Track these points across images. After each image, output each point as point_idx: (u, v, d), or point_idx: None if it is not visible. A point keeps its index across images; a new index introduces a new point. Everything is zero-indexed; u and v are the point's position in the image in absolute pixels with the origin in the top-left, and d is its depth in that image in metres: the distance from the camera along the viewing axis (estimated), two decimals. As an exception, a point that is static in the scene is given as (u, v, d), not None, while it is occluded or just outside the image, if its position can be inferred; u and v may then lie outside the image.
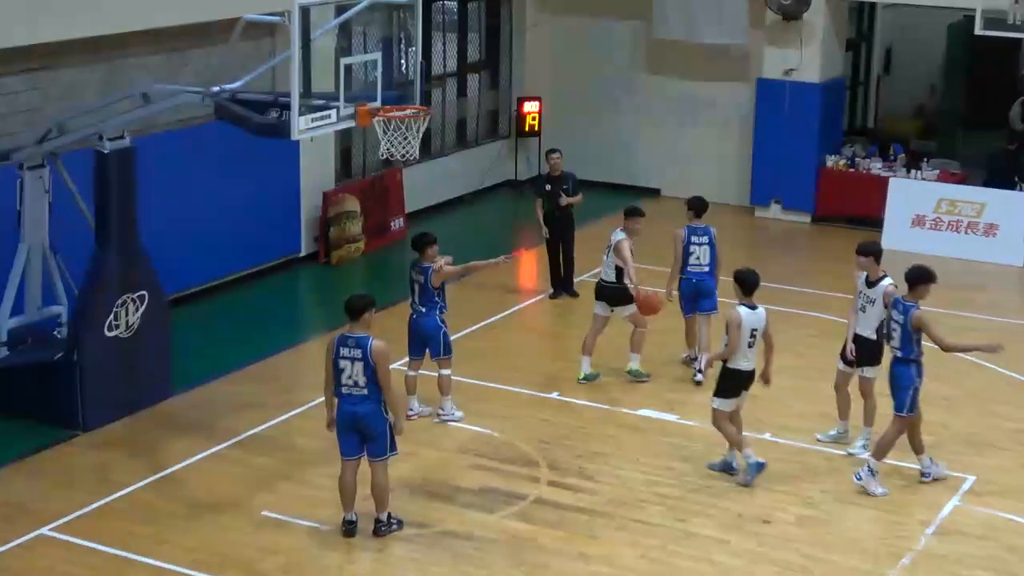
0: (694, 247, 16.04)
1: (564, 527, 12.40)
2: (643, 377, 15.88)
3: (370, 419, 11.75)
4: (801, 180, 23.09)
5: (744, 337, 13.03)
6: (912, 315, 12.99)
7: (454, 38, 24.34)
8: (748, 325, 13.05)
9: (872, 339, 13.70)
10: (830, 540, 12.25)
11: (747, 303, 13.19)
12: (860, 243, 14.14)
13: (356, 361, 11.66)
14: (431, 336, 14.55)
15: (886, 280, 13.70)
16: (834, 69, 23.57)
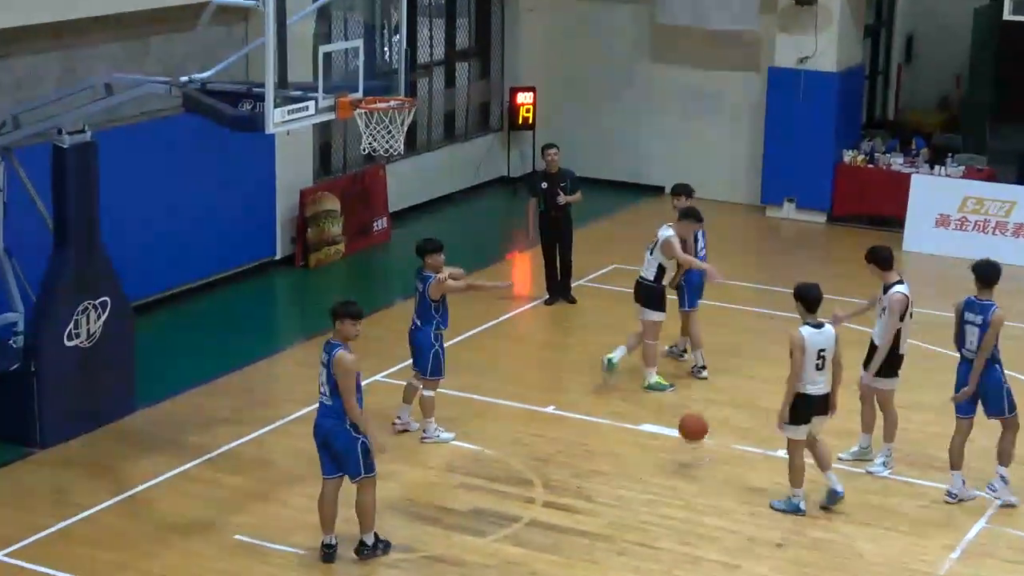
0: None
1: (561, 551, 12.42)
2: (666, 387, 16.04)
3: (332, 434, 11.84)
4: (816, 177, 23.14)
5: (810, 359, 12.87)
6: (994, 314, 13.23)
7: (442, 24, 24.37)
8: (814, 346, 12.89)
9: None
10: (847, 565, 12.28)
11: (811, 321, 13.01)
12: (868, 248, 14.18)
13: (324, 368, 11.83)
14: (421, 352, 14.58)
15: (896, 287, 13.72)
16: (852, 57, 23.63)
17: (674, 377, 16.33)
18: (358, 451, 11.79)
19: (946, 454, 13.75)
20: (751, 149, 23.87)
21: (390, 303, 19.29)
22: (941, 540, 12.72)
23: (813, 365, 12.88)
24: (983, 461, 13.92)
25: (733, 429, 14.97)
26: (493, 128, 25.44)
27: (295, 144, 19.75)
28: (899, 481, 13.85)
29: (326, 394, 11.82)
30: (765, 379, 16.42)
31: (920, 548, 12.59)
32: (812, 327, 12.97)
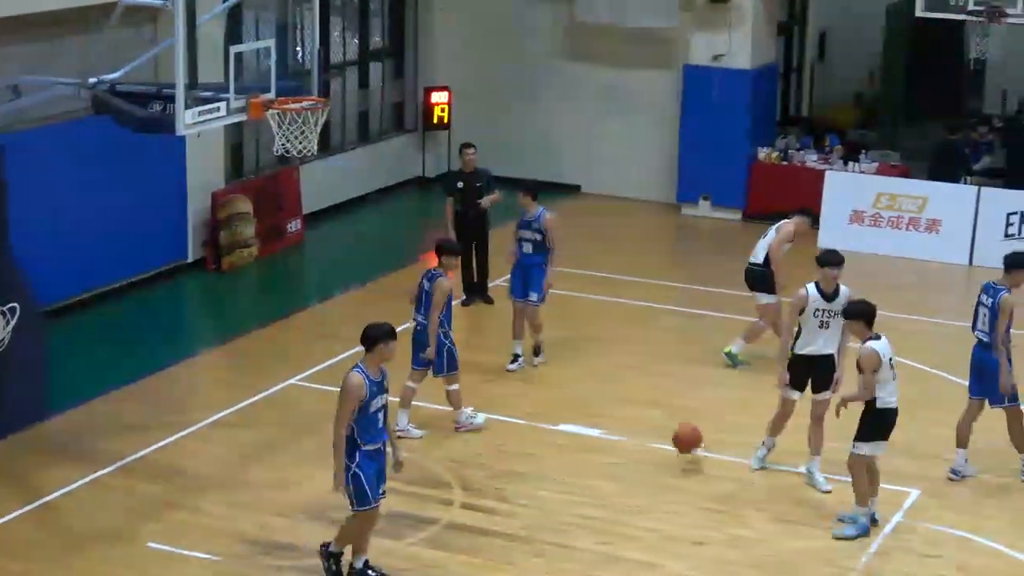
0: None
1: (479, 553, 12.42)
2: (739, 363, 16.57)
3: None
4: (731, 174, 23.31)
5: (886, 370, 12.56)
6: (1002, 298, 13.57)
7: (355, 23, 24.32)
8: (886, 357, 12.58)
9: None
10: (766, 562, 12.37)
11: (872, 335, 12.61)
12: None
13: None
14: (435, 354, 14.62)
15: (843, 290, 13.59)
16: (765, 55, 23.82)
17: (603, 393, 16.27)
18: (349, 480, 11.40)
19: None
20: (666, 147, 23.98)
21: (304, 306, 19.23)
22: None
23: (890, 376, 12.61)
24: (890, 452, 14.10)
25: (650, 428, 15.03)
26: (408, 128, 25.41)
27: (206, 146, 19.60)
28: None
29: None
30: (681, 378, 16.55)
31: (838, 543, 12.69)
32: (875, 340, 12.59)
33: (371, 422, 11.34)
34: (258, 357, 17.14)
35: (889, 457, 14.28)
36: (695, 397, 15.97)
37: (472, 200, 18.51)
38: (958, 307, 19.19)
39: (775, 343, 17.48)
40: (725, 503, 13.40)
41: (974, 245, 21.45)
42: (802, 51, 28.03)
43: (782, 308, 15.83)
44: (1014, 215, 21.30)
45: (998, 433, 14.31)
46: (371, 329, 11.45)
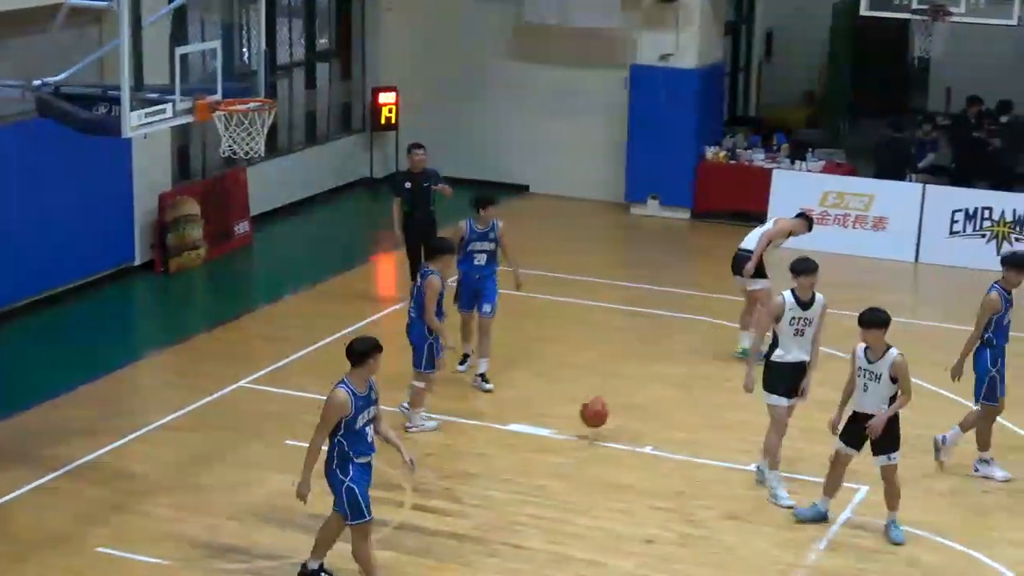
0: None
1: (431, 554, 12.42)
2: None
3: (326, 474, 11.34)
4: (679, 174, 23.39)
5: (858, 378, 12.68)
6: (986, 295, 13.82)
7: (301, 24, 24.26)
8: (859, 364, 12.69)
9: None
10: (715, 559, 12.43)
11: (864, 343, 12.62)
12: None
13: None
14: (415, 346, 14.77)
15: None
16: (713, 54, 23.92)
17: (552, 392, 16.26)
18: (342, 493, 11.25)
19: (813, 447, 14.04)
20: (614, 147, 24.03)
21: (253, 307, 19.17)
22: (808, 532, 12.91)
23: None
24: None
25: (601, 427, 15.07)
26: (355, 129, 25.37)
27: (153, 148, 19.51)
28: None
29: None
30: (631, 377, 16.60)
31: (788, 540, 12.77)
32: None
33: (360, 436, 11.21)
34: (207, 360, 17.07)
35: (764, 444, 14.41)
36: (644, 396, 16.02)
37: (420, 201, 18.47)
38: (905, 304, 19.37)
39: (718, 341, 17.64)
40: (674, 501, 13.45)
41: (920, 242, 21.62)
42: (749, 50, 28.18)
43: (759, 315, 15.85)
44: (959, 212, 21.48)
45: (944, 431, 14.44)
46: (359, 344, 11.26)
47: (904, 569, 12.29)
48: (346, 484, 11.17)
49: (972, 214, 21.44)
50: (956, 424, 14.31)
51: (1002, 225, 21.28)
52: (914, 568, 12.31)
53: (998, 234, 21.29)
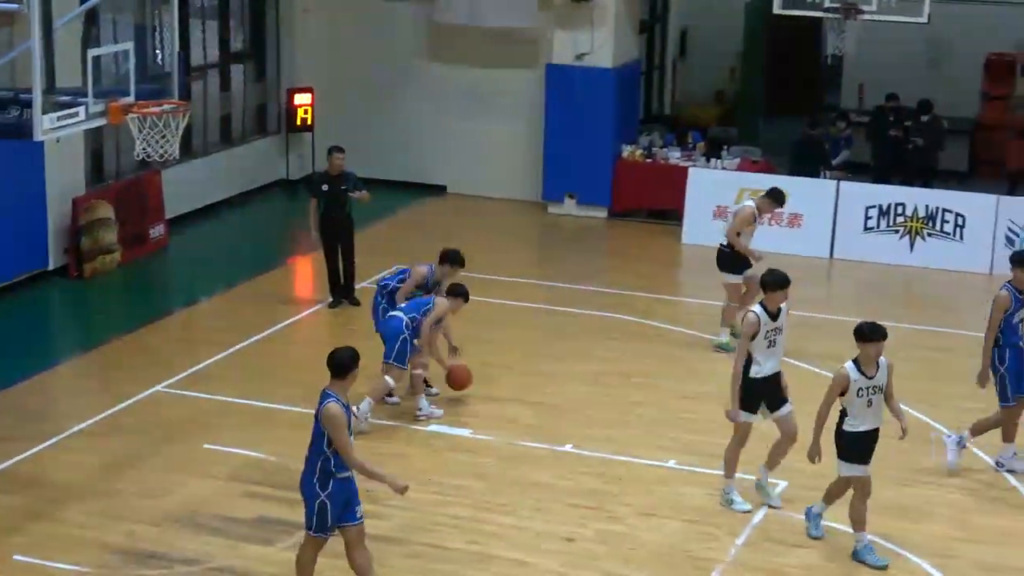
0: None
1: (351, 556, 12.41)
2: (730, 350, 16.83)
3: (302, 486, 11.02)
4: (596, 172, 23.50)
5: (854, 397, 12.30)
6: (996, 294, 13.93)
7: (215, 25, 24.14)
8: (856, 384, 12.27)
9: None
10: (636, 556, 12.51)
11: (857, 360, 12.28)
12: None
13: (314, 418, 10.95)
14: (389, 338, 14.90)
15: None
16: (628, 53, 24.05)
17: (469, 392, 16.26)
18: (314, 505, 10.93)
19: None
20: (531, 146, 24.11)
21: (170, 311, 19.06)
22: (727, 527, 13.03)
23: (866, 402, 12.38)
24: (760, 442, 14.31)
25: (519, 426, 15.14)
26: (271, 131, 25.28)
27: (66, 151, 19.36)
28: (686, 471, 14.15)
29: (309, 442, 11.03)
30: (550, 376, 16.66)
31: (707, 535, 12.88)
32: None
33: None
34: (123, 364, 16.95)
35: (756, 448, 14.55)
36: (562, 395, 16.09)
37: (337, 204, 18.45)
38: (820, 299, 19.57)
39: (636, 339, 17.76)
40: (593, 498, 13.52)
41: (834, 239, 21.87)
42: (664, 49, 28.35)
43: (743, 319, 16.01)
44: (873, 208, 21.75)
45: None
46: (343, 354, 10.98)
47: (823, 563, 12.43)
48: (321, 499, 10.92)
49: (886, 210, 21.70)
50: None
51: (915, 221, 21.56)
52: (833, 562, 12.45)
53: (911, 229, 21.57)
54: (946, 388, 16.39)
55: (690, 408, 15.66)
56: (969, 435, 14.32)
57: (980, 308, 19.79)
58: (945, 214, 21.47)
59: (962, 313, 19.76)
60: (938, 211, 21.50)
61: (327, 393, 10.84)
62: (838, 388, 12.30)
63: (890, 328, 13.13)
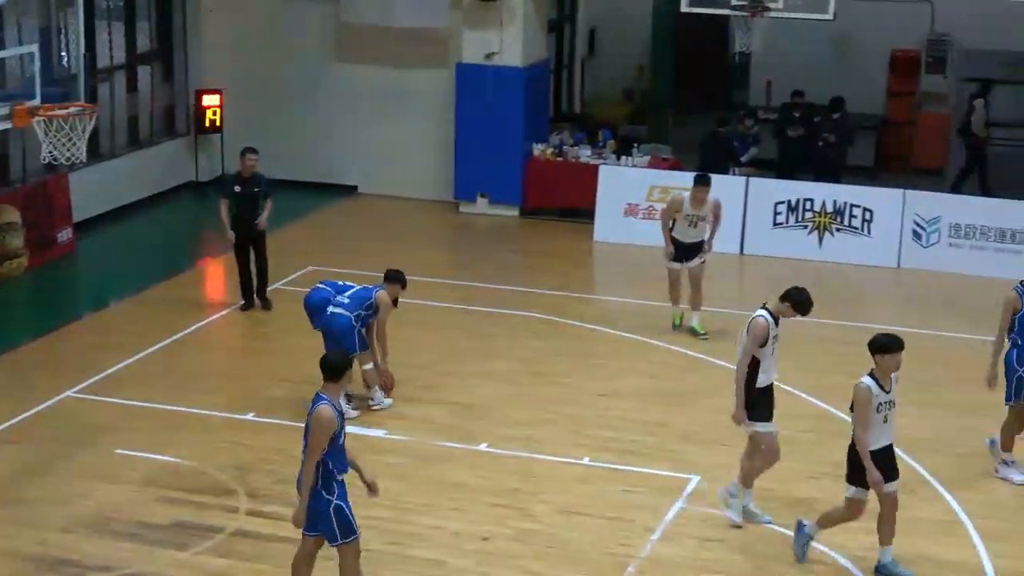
0: None
1: (267, 560, 12.34)
2: (702, 336, 17.59)
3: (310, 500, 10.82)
4: (507, 171, 23.53)
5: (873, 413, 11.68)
6: (1007, 295, 13.98)
7: (121, 27, 23.92)
8: (877, 399, 11.69)
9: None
10: (552, 553, 12.55)
11: (875, 374, 11.71)
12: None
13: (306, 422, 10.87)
14: (345, 335, 14.95)
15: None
16: (537, 52, 24.10)
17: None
18: (331, 513, 10.77)
19: (646, 439, 14.28)
20: (443, 146, 24.10)
21: (79, 316, 18.86)
22: (642, 523, 13.10)
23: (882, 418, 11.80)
24: (671, 439, 14.41)
25: (435, 426, 15.14)
26: (179, 132, 25.10)
27: (-30, 155, 19.12)
28: (601, 467, 14.22)
29: (303, 447, 10.88)
30: (464, 375, 16.67)
31: (622, 532, 12.94)
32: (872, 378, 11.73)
33: (341, 452, 10.88)
34: (32, 370, 16.75)
35: (670, 444, 14.69)
36: (478, 394, 16.11)
37: (249, 205, 18.36)
38: (729, 296, 19.72)
39: (550, 337, 17.82)
40: (509, 497, 13.54)
41: (744, 235, 22.04)
42: (573, 48, 28.44)
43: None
44: (781, 204, 21.95)
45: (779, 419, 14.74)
46: (336, 357, 10.97)
47: (735, 556, 12.53)
48: (333, 503, 10.78)
49: (794, 206, 21.91)
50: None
51: (823, 216, 21.78)
52: (745, 555, 12.55)
53: (819, 225, 21.78)
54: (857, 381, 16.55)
55: (605, 405, 15.74)
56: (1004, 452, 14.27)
57: (888, 302, 20.23)
58: (853, 209, 21.70)
59: (870, 307, 20.00)
60: (846, 206, 21.73)
61: (320, 396, 10.76)
62: (867, 405, 11.58)
63: (800, 323, 13.28)
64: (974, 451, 14.69)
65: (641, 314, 18.87)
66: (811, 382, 16.46)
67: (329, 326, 15.18)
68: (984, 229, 21.12)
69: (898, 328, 18.18)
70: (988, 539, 12.86)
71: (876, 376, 11.66)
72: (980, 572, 12.32)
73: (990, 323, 18.60)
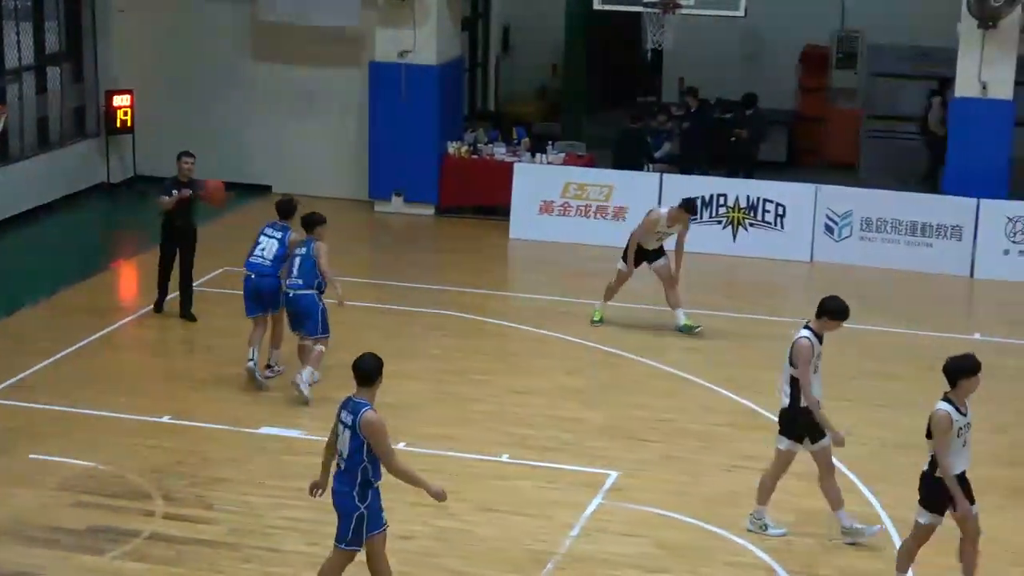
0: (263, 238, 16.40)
1: (184, 563, 12.27)
2: (695, 329, 17.50)
3: (338, 500, 10.84)
4: (422, 170, 23.50)
5: (954, 438, 11.09)
6: None
7: (29, 27, 23.65)
8: (957, 424, 11.10)
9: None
10: (473, 551, 12.56)
11: (951, 398, 11.12)
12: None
13: (347, 429, 10.71)
14: (310, 315, 15.46)
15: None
16: (451, 50, 24.09)
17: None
18: (352, 519, 10.78)
19: (564, 435, 14.34)
20: (357, 145, 24.04)
21: (-7, 320, 18.67)
22: (561, 519, 13.14)
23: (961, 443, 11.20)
24: (589, 436, 14.45)
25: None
26: (90, 133, 24.85)
27: None
28: (520, 465, 14.24)
29: (343, 455, 10.75)
30: (384, 373, 16.57)
31: (542, 528, 12.97)
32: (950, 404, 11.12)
33: (378, 460, 10.82)
34: (-58, 376, 16.55)
35: (588, 440, 14.74)
36: (396, 393, 16.02)
37: (183, 210, 18.08)
38: (646, 292, 19.79)
39: (466, 335, 17.83)
40: (429, 496, 13.50)
41: (659, 231, 22.12)
42: (486, 45, 28.46)
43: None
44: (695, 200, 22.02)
45: (691, 414, 14.86)
46: (370, 362, 10.84)
47: (654, 551, 12.60)
48: (360, 511, 10.76)
49: (708, 201, 22.04)
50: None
51: (736, 211, 21.94)
52: (663, 549, 12.62)
53: (733, 219, 21.94)
54: (771, 374, 16.66)
55: (523, 403, 15.76)
56: None
57: (801, 295, 20.40)
58: (766, 204, 21.87)
59: (784, 300, 20.19)
60: (759, 201, 21.90)
61: (360, 402, 10.67)
62: (948, 432, 11.05)
63: (712, 317, 13.40)
64: (887, 443, 14.87)
65: (558, 311, 18.92)
66: (724, 375, 16.58)
67: (295, 309, 15.60)
68: (895, 223, 21.36)
69: (812, 321, 18.41)
70: (903, 529, 13.00)
71: (952, 399, 11.10)
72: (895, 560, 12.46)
73: (901, 316, 18.93)
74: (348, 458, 10.71)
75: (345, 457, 10.74)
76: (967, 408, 11.15)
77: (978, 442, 11.72)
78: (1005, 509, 13.36)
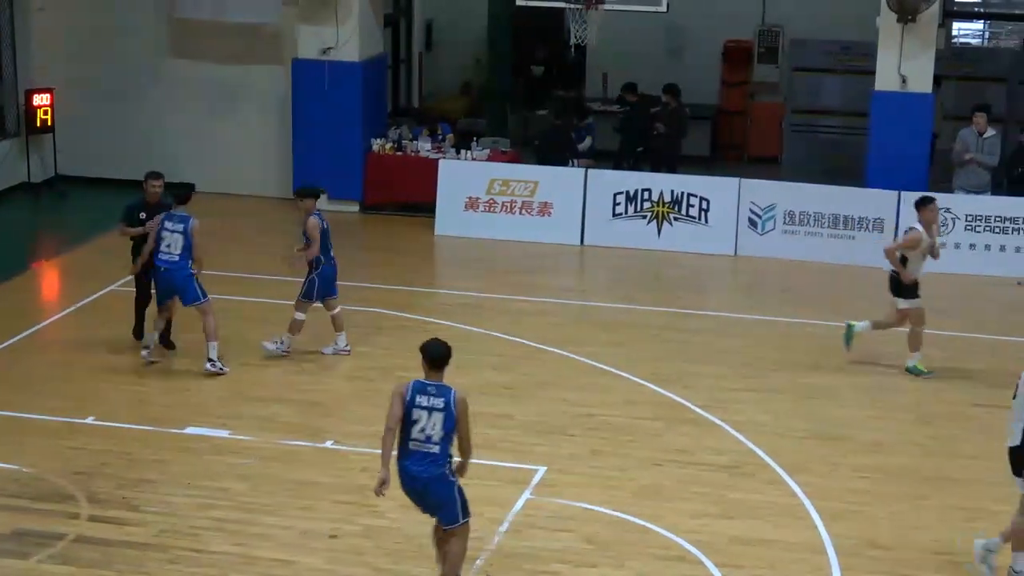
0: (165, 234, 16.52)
1: (111, 566, 12.19)
2: (925, 373, 16.71)
3: (434, 485, 11.15)
4: (346, 167, 23.45)
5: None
6: None
7: (-54, 26, 23.44)
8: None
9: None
10: (401, 549, 12.57)
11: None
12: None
13: (435, 412, 11.00)
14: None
15: None
16: (374, 47, 24.06)
17: (229, 391, 16.19)
18: (456, 496, 11.22)
19: (491, 431, 14.40)
20: (281, 142, 23.96)
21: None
22: (489, 515, 13.14)
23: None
24: (516, 431, 14.49)
25: (279, 424, 15.07)
26: (9, 133, 24.61)
27: None
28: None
29: (432, 440, 11.01)
30: (310, 372, 16.62)
31: (471, 524, 12.98)
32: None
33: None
34: None
35: (515, 436, 14.78)
36: (323, 391, 16.08)
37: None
38: (572, 286, 19.93)
39: (392, 333, 17.78)
40: (356, 494, 13.52)
41: (584, 226, 22.23)
42: (410, 42, 28.45)
43: None
44: (620, 195, 22.16)
45: (618, 408, 14.93)
46: (442, 348, 11.21)
47: (583, 546, 12.65)
48: (458, 483, 11.23)
49: (633, 196, 22.15)
50: None
51: (661, 205, 22.05)
52: (592, 544, 12.68)
53: (658, 214, 22.06)
54: (697, 368, 16.86)
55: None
56: None
57: (725, 289, 20.57)
58: (690, 198, 22.00)
59: (709, 295, 20.33)
60: (683, 196, 22.02)
61: (444, 385, 11.07)
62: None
63: (640, 312, 13.48)
64: (812, 434, 15.03)
65: (483, 307, 18.96)
66: (650, 370, 16.68)
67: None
68: (818, 216, 21.56)
69: (734, 315, 18.67)
70: (828, 520, 13.15)
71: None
72: (822, 551, 12.59)
73: (824, 308, 19.11)
74: (440, 440, 11.03)
75: (436, 440, 11.04)
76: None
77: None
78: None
